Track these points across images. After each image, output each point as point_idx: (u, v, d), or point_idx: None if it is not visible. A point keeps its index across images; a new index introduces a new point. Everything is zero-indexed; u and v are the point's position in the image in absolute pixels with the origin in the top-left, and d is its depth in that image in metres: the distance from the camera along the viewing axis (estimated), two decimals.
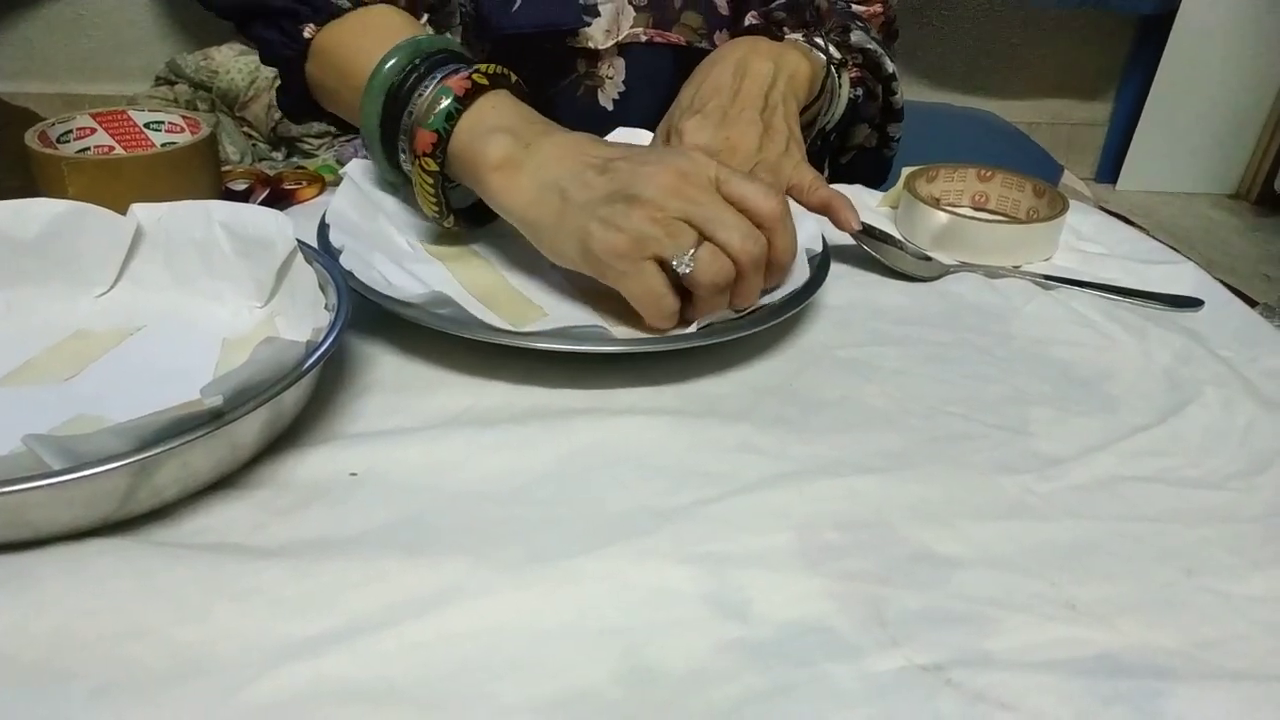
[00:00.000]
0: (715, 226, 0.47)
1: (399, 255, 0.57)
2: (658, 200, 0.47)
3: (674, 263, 0.47)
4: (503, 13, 0.70)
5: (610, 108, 0.77)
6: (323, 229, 0.55)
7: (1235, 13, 2.33)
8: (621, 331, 0.51)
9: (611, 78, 0.76)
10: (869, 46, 0.76)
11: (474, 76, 0.52)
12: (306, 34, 0.65)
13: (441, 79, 0.53)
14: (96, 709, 0.30)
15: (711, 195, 0.48)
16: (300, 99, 0.69)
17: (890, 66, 0.77)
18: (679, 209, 0.47)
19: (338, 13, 0.64)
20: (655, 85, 0.76)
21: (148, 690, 0.31)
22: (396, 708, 0.31)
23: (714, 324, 0.50)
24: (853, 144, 0.81)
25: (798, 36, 0.72)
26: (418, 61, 0.55)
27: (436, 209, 0.55)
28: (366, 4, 0.65)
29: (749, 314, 0.51)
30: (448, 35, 0.69)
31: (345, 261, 0.51)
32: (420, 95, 0.54)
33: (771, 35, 0.71)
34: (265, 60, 0.68)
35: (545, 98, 0.75)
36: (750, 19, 0.74)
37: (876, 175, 0.83)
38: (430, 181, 0.54)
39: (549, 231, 0.50)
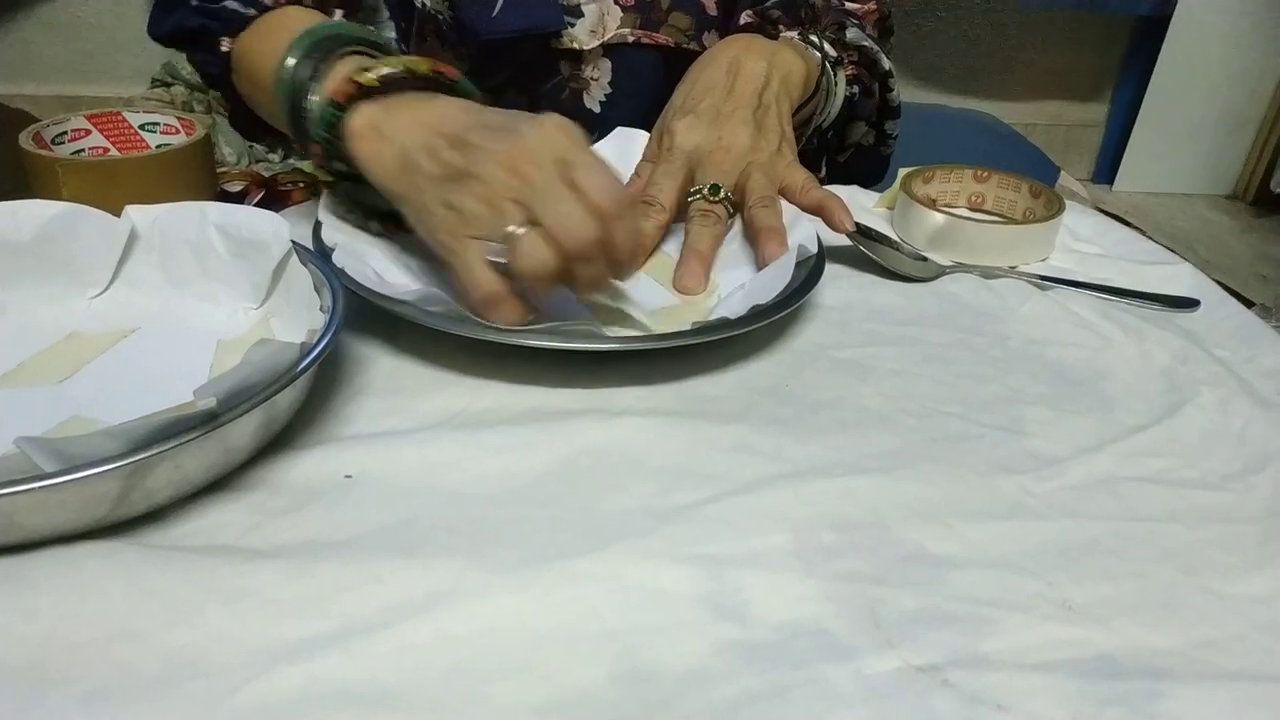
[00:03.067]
0: (542, 209, 0.44)
1: (394, 251, 0.57)
2: (490, 178, 0.45)
3: (494, 243, 0.45)
4: (483, 18, 0.69)
5: (597, 110, 0.77)
6: (317, 227, 0.55)
7: (1231, 14, 2.33)
8: (614, 331, 0.51)
9: (597, 79, 0.76)
10: (864, 44, 0.76)
11: (358, 78, 0.49)
12: (224, 48, 0.65)
13: (326, 82, 0.50)
14: (89, 713, 0.30)
15: (549, 176, 0.45)
16: (242, 116, 0.68)
17: (886, 64, 0.77)
18: (512, 189, 0.45)
19: (246, 22, 0.64)
20: (642, 86, 0.76)
21: (140, 694, 0.31)
22: (391, 711, 0.31)
23: (707, 324, 0.50)
24: (850, 142, 0.81)
25: (793, 35, 0.72)
26: (314, 54, 0.52)
27: (350, 212, 0.54)
28: (270, 8, 0.64)
29: (744, 316, 0.51)
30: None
31: (338, 259, 0.51)
32: (313, 93, 0.52)
33: (766, 34, 0.71)
34: (207, 84, 0.68)
35: (530, 101, 0.75)
36: (745, 17, 0.74)
37: (874, 173, 0.83)
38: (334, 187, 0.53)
39: (409, 208, 0.49)
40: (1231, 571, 0.39)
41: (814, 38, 0.72)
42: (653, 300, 0.56)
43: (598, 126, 0.70)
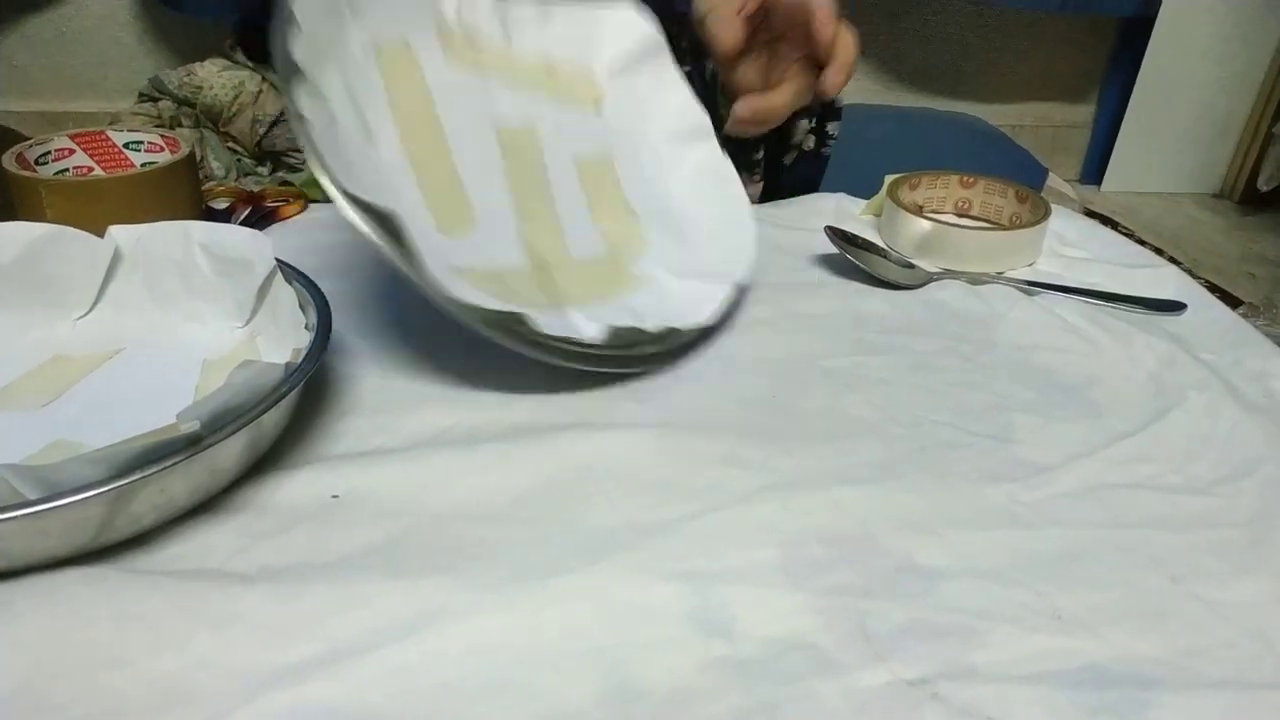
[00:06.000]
0: None
1: (351, 76, 0.51)
2: None
3: None
4: None
5: None
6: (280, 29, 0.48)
7: (1216, 13, 2.34)
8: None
9: None
10: None
11: None
12: None
13: None
14: None
15: None
16: None
17: None
18: None
19: None
20: None
21: None
22: None
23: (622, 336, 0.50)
24: (794, 142, 0.80)
25: None
26: None
27: None
28: None
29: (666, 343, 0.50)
30: None
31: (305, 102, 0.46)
32: None
33: None
34: None
35: None
36: None
37: (815, 174, 0.83)
38: None
39: None
40: (1220, 578, 0.39)
41: None
42: (584, 248, 0.55)
43: None
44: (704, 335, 0.54)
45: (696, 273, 0.57)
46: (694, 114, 0.64)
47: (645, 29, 0.64)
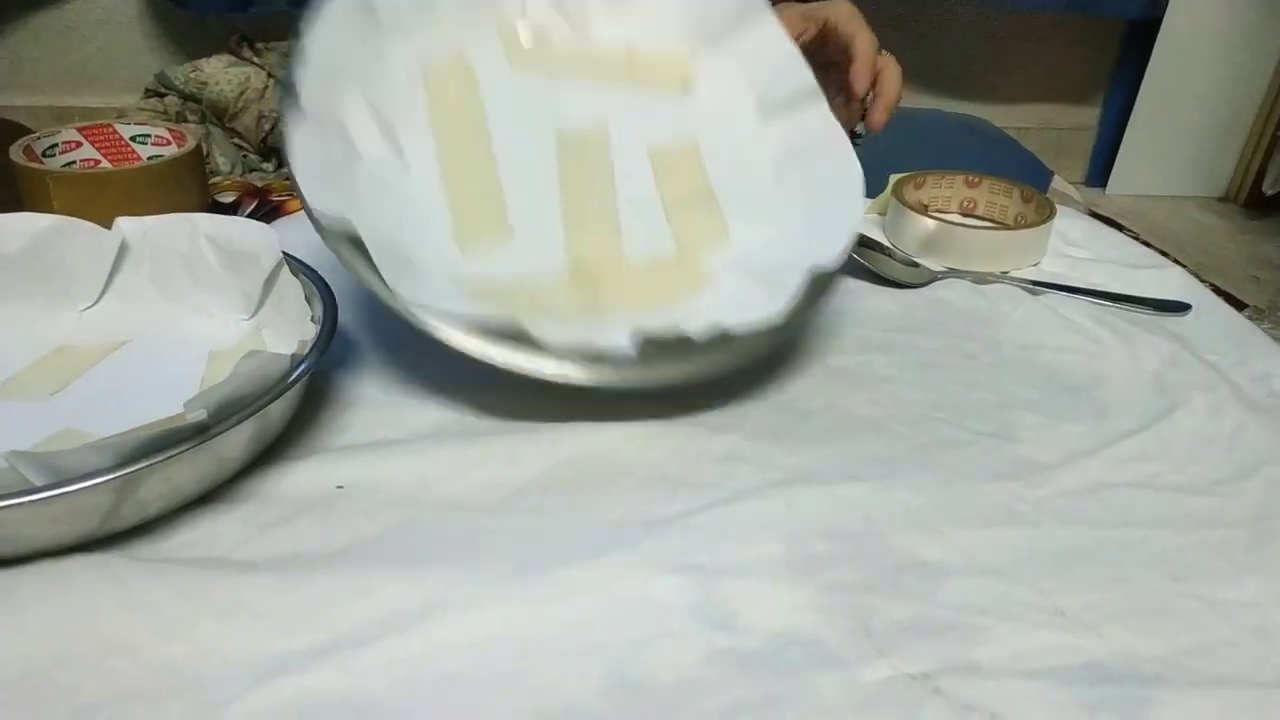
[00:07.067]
0: None
1: (387, 101, 0.51)
2: None
3: None
4: None
5: None
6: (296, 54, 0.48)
7: (1221, 16, 2.34)
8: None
9: None
10: None
11: None
12: None
13: None
14: None
15: None
16: None
17: None
18: None
19: None
20: None
21: (132, 708, 0.31)
22: None
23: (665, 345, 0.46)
24: None
25: None
26: None
27: None
28: None
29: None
30: None
31: (302, 111, 0.46)
32: None
33: None
34: None
35: None
36: None
37: None
38: None
39: None
40: (1222, 577, 0.39)
41: None
42: (647, 247, 0.52)
43: None
44: (769, 338, 0.48)
45: (782, 264, 0.51)
46: (794, 77, 0.59)
47: None
